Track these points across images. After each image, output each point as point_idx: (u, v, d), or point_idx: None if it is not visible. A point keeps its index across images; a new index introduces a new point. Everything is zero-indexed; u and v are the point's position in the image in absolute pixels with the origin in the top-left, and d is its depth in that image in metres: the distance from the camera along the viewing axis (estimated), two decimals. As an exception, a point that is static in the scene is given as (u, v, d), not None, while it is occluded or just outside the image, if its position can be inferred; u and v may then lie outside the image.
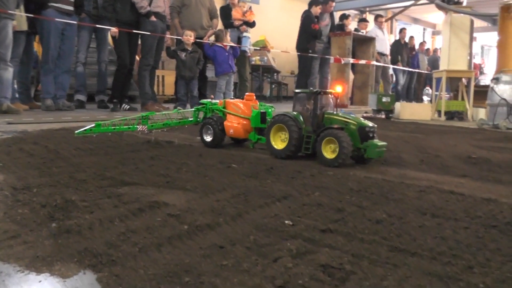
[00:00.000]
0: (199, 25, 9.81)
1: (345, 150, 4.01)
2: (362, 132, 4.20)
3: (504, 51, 9.38)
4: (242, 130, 5.02)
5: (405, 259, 1.93)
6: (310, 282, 1.71)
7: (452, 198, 3.00)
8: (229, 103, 5.23)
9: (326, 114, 4.43)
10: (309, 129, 4.41)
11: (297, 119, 4.44)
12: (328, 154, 4.16)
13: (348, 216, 2.48)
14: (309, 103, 4.53)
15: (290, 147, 4.40)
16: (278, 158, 4.43)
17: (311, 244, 2.07)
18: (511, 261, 1.97)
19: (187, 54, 9.32)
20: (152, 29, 9.02)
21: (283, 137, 4.51)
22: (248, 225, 2.35)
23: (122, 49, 8.91)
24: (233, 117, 5.10)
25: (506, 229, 2.38)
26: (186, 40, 9.31)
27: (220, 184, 3.20)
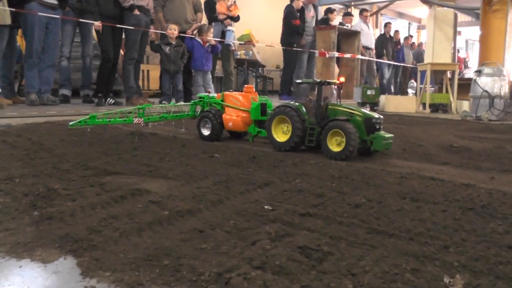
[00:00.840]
0: (183, 19, 9.77)
1: (352, 142, 3.86)
2: (368, 124, 4.05)
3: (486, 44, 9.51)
4: (242, 123, 4.89)
5: (383, 240, 1.97)
6: (288, 263, 1.73)
7: (432, 184, 3.05)
8: (227, 95, 5.11)
9: (330, 105, 4.28)
10: (312, 121, 4.26)
11: (299, 110, 4.27)
12: (334, 147, 4.01)
13: (328, 201, 2.51)
14: (312, 94, 4.38)
15: (293, 140, 4.25)
16: (280, 151, 4.29)
17: (290, 227, 2.10)
18: (485, 241, 2.01)
19: (171, 48, 9.28)
20: (136, 23, 8.97)
21: (285, 129, 4.36)
22: (229, 211, 2.38)
23: (106, 43, 8.85)
24: (232, 110, 4.98)
25: (482, 212, 2.44)
26: (170, 34, 9.27)
27: (202, 172, 3.21)
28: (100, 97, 9.06)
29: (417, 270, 1.69)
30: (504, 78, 8.76)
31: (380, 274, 1.65)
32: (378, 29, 17.43)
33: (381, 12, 18.32)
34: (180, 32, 9.47)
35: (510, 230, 2.16)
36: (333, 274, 1.65)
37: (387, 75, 13.90)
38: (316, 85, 4.29)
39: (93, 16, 8.69)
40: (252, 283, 1.60)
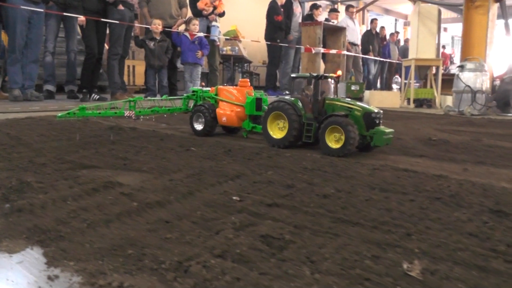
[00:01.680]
0: (168, 14, 9.73)
1: (352, 139, 3.71)
2: (368, 119, 3.90)
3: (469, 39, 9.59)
4: (236, 117, 4.73)
5: (347, 228, 1.98)
6: (248, 251, 1.74)
7: (404, 175, 3.07)
8: (221, 89, 4.98)
9: (327, 100, 4.11)
10: (309, 116, 4.10)
11: (296, 105, 4.12)
12: (333, 143, 3.85)
13: (297, 192, 2.52)
14: (308, 88, 4.24)
15: (289, 136, 4.09)
16: (276, 147, 4.13)
17: (255, 217, 2.10)
18: (448, 229, 2.03)
19: (156, 43, 9.24)
20: (120, 18, 8.92)
21: (281, 125, 4.20)
22: (198, 202, 2.37)
23: (90, 38, 8.79)
24: (226, 104, 4.84)
25: (450, 201, 2.46)
26: (155, 29, 9.24)
27: (176, 165, 3.21)
28: (84, 93, 9.00)
29: (377, 257, 1.70)
30: (486, 73, 8.84)
31: (339, 261, 1.66)
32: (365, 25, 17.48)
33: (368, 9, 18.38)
34: (165, 27, 9.44)
35: (473, 218, 2.19)
36: (292, 262, 1.66)
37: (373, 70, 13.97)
38: (313, 79, 4.13)
39: (77, 11, 8.62)
40: (210, 270, 1.61)
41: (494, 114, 8.88)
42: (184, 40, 9.50)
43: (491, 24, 9.38)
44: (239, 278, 1.55)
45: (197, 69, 9.62)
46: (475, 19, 9.44)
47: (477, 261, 1.71)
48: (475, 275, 1.61)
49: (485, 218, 2.18)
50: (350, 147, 3.75)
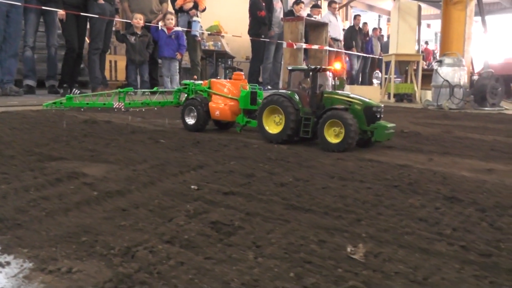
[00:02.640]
0: (149, 9, 9.68)
1: (352, 133, 3.58)
2: (368, 113, 3.76)
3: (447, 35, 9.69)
4: (229, 112, 4.53)
5: (298, 215, 2.00)
6: (196, 237, 1.76)
7: (367, 165, 3.10)
8: (214, 82, 4.78)
9: (325, 93, 3.96)
10: (307, 110, 3.93)
11: (293, 99, 3.93)
12: (332, 138, 3.70)
13: (256, 181, 2.53)
14: (305, 81, 4.08)
15: (286, 131, 3.90)
16: (272, 143, 3.94)
17: (210, 205, 2.12)
18: (400, 215, 2.06)
19: (137, 38, 9.20)
20: (100, 12, 8.85)
21: (278, 120, 4.01)
22: (157, 191, 2.38)
23: (70, 33, 8.72)
24: (219, 97, 4.63)
25: (407, 189, 2.49)
26: (136, 23, 9.20)
27: (143, 157, 3.20)
28: (65, 88, 8.94)
29: (323, 242, 1.72)
30: (463, 68, 8.95)
31: (285, 245, 1.68)
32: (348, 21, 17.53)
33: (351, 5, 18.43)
34: (146, 22, 9.40)
35: (427, 204, 2.22)
36: (238, 247, 1.67)
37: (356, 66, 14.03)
38: (311, 71, 3.97)
39: (57, 5, 8.55)
40: (156, 255, 1.63)
41: (471, 108, 8.98)
42: (161, 34, 9.47)
43: (469, 20, 9.48)
44: (183, 263, 1.57)
45: (175, 63, 9.59)
46: (453, 15, 9.54)
47: (421, 244, 1.74)
48: (417, 257, 1.64)
49: (438, 204, 2.22)
50: (350, 142, 3.62)
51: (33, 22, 9.16)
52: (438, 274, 1.51)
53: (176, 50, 9.62)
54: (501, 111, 8.58)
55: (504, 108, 9.10)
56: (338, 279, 1.45)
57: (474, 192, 2.51)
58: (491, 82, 8.91)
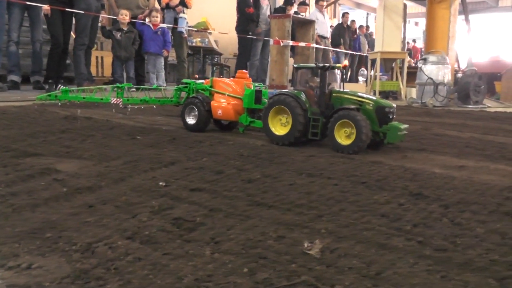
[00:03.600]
0: (135, 5, 9.64)
1: (364, 134, 3.43)
2: (380, 113, 3.60)
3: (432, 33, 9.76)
4: (233, 111, 4.34)
5: (261, 211, 2.02)
6: (157, 233, 1.77)
7: (338, 162, 3.12)
8: (217, 81, 4.60)
9: (334, 93, 3.79)
10: (315, 111, 3.76)
11: (300, 99, 3.76)
12: (342, 139, 3.55)
13: (224, 177, 2.55)
14: (313, 80, 3.94)
15: (294, 132, 3.72)
16: (279, 145, 3.77)
17: (175, 201, 2.13)
18: (362, 211, 2.08)
19: (123, 34, 9.16)
20: (86, 8, 8.81)
21: (284, 121, 3.84)
22: (126, 187, 2.39)
23: (55, 28, 8.65)
24: (221, 96, 4.44)
25: (374, 185, 2.51)
26: (122, 19, 9.16)
27: (117, 153, 3.20)
28: (50, 83, 8.88)
29: (282, 237, 1.74)
30: (447, 66, 9.03)
31: (243, 241, 1.70)
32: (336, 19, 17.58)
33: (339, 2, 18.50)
34: (132, 18, 9.36)
35: (392, 200, 2.25)
36: (196, 243, 1.69)
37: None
38: (319, 70, 3.79)
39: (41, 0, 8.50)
40: (115, 251, 1.64)
41: (455, 105, 9.06)
42: (147, 30, 9.44)
43: (453, 18, 9.56)
44: (141, 258, 1.58)
45: (160, 60, 9.57)
46: (438, 13, 9.61)
47: (379, 240, 1.76)
48: (373, 252, 1.66)
49: (403, 201, 2.25)
50: (362, 143, 3.46)
51: (17, 17, 9.08)
52: (391, 269, 1.53)
53: (161, 46, 9.59)
54: (483, 109, 8.67)
55: (487, 105, 9.19)
56: (291, 274, 1.47)
57: (441, 188, 2.55)
58: (474, 80, 9.00)
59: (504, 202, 2.38)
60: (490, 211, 2.22)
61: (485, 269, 1.60)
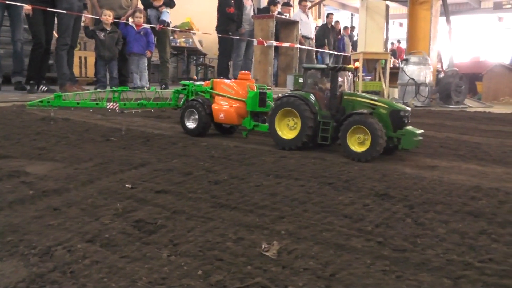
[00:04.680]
0: (118, 5, 9.58)
1: (380, 141, 3.27)
2: (395, 118, 3.42)
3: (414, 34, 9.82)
4: (235, 114, 4.14)
5: (223, 213, 2.02)
6: (117, 236, 1.77)
7: (309, 162, 3.13)
8: (218, 82, 4.40)
9: (345, 95, 3.64)
10: (325, 114, 3.61)
11: (309, 101, 3.61)
12: (355, 146, 3.39)
13: (191, 179, 2.54)
14: (322, 81, 3.78)
15: (302, 137, 3.58)
16: (286, 149, 3.64)
17: (139, 203, 2.13)
18: (326, 211, 2.09)
19: (106, 34, 9.11)
20: (68, 7, 8.74)
21: (292, 124, 3.69)
22: (93, 190, 2.37)
23: (37, 28, 8.56)
24: (223, 99, 4.25)
25: (341, 186, 2.53)
26: (105, 19, 9.11)
27: (89, 155, 3.17)
28: (32, 84, 8.80)
29: (241, 239, 1.75)
30: (429, 66, 9.11)
31: (201, 243, 1.70)
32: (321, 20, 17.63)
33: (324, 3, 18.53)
34: (115, 18, 9.32)
35: (357, 201, 2.26)
36: (155, 245, 1.69)
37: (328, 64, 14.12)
38: (330, 71, 3.64)
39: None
40: (73, 254, 1.64)
41: (437, 105, 9.14)
42: (130, 30, 9.41)
43: (434, 19, 9.63)
44: (98, 261, 1.58)
45: (143, 60, 9.55)
46: (419, 14, 9.67)
47: (338, 240, 1.77)
48: (331, 253, 1.68)
49: (368, 201, 2.27)
50: (377, 151, 3.31)
51: (-3, 16, 8.98)
52: (346, 270, 1.55)
53: (145, 47, 9.57)
54: (464, 109, 8.76)
55: (468, 105, 9.28)
56: (245, 276, 1.48)
57: (409, 189, 2.57)
58: (456, 80, 9.09)
59: (468, 202, 2.41)
60: (455, 211, 2.25)
61: (441, 269, 1.62)
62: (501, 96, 11.02)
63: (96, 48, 9.37)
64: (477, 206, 2.34)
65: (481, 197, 2.52)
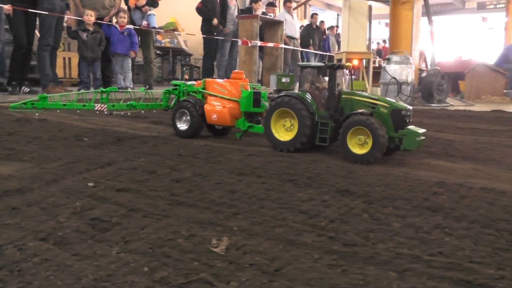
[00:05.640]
0: (101, 5, 9.55)
1: (381, 144, 3.16)
2: (396, 117, 3.30)
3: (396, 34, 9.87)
4: (229, 115, 4.01)
5: (179, 210, 2.03)
6: (71, 234, 1.77)
7: (276, 160, 3.15)
8: (210, 82, 4.26)
9: (343, 94, 3.50)
10: (323, 114, 3.48)
11: (306, 100, 3.49)
12: (356, 148, 3.26)
13: (154, 177, 2.56)
14: (319, 80, 3.67)
15: (300, 138, 3.46)
16: (283, 151, 3.52)
17: (99, 202, 2.13)
18: (282, 208, 2.11)
19: (88, 35, 9.09)
20: (50, 7, 8.70)
21: (288, 125, 3.57)
22: (56, 189, 2.38)
23: (18, 28, 8.50)
24: (216, 99, 4.13)
25: (303, 183, 2.54)
26: (87, 20, 9.08)
27: (58, 155, 3.16)
28: (13, 85, 8.74)
29: (193, 236, 1.76)
30: (411, 65, 9.17)
31: (153, 240, 1.71)
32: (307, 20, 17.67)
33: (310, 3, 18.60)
34: (98, 19, 9.29)
35: (315, 197, 2.28)
36: (107, 243, 1.70)
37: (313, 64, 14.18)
38: (328, 69, 3.50)
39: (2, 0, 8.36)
40: (24, 252, 1.64)
41: (419, 104, 9.21)
42: (114, 31, 9.39)
43: (416, 19, 9.69)
44: (47, 259, 1.59)
45: (127, 60, 9.52)
46: (401, 14, 9.73)
47: (289, 236, 1.79)
48: (280, 248, 1.70)
49: (327, 197, 2.29)
50: (378, 154, 3.20)
51: (-23, 17, 8.91)
52: (292, 265, 1.57)
53: (129, 47, 9.55)
54: (445, 107, 8.83)
55: (450, 104, 9.36)
56: (190, 272, 1.49)
57: (372, 185, 2.60)
58: (437, 79, 9.15)
59: (430, 197, 2.44)
60: (414, 206, 2.28)
61: (388, 262, 1.65)
62: (483, 94, 11.13)
63: (79, 49, 9.34)
64: (437, 201, 2.38)
65: (443, 193, 2.55)
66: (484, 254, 1.76)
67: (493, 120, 6.48)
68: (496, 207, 2.34)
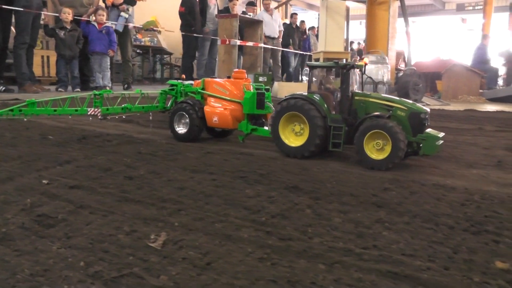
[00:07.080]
0: (79, 3, 9.53)
1: (401, 150, 3.01)
2: (415, 120, 3.12)
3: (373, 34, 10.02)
4: (231, 117, 3.80)
5: (126, 206, 2.10)
6: (15, 230, 1.83)
7: (234, 158, 3.21)
8: (210, 82, 4.03)
9: (357, 96, 3.32)
10: (336, 117, 3.28)
11: (317, 103, 3.27)
12: (374, 153, 3.11)
13: (109, 175, 2.62)
14: (329, 80, 3.50)
15: (312, 143, 3.25)
16: (297, 158, 3.31)
17: (50, 199, 2.18)
18: (228, 204, 2.18)
19: (66, 33, 9.07)
20: (27, 5, 8.66)
21: (298, 130, 3.38)
22: (10, 187, 2.41)
23: (-7, 26, 8.50)
24: (216, 100, 3.91)
25: (253, 180, 2.61)
26: (64, 18, 9.06)
27: (20, 153, 3.19)
28: (-11, 84, 8.70)
29: (134, 231, 1.82)
30: (387, 65, 9.32)
31: (94, 236, 1.77)
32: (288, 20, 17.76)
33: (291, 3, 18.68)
34: (76, 16, 9.27)
35: (263, 194, 2.35)
36: (50, 238, 1.75)
37: (294, 63, 14.27)
38: (340, 69, 3.30)
39: (-24, -3, 8.30)
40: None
41: (394, 104, 9.32)
42: (92, 29, 9.38)
43: (392, 20, 9.85)
44: (-14, 256, 1.63)
45: (106, 59, 9.51)
46: (378, 14, 9.88)
47: (227, 231, 1.87)
48: (216, 243, 1.76)
49: (274, 194, 2.36)
50: (398, 158, 3.04)
51: (-50, 14, 8.81)
52: (224, 258, 1.64)
53: (107, 45, 9.53)
54: (419, 107, 8.95)
55: (425, 103, 9.50)
56: (124, 266, 1.55)
57: (324, 182, 2.67)
58: (413, 79, 9.30)
59: (379, 193, 2.51)
60: (360, 202, 2.35)
61: (320, 256, 1.72)
62: (459, 94, 11.32)
63: (57, 47, 9.31)
64: (385, 197, 2.45)
65: (394, 189, 2.62)
66: (417, 247, 1.84)
67: (463, 119, 6.62)
68: (442, 202, 2.42)
